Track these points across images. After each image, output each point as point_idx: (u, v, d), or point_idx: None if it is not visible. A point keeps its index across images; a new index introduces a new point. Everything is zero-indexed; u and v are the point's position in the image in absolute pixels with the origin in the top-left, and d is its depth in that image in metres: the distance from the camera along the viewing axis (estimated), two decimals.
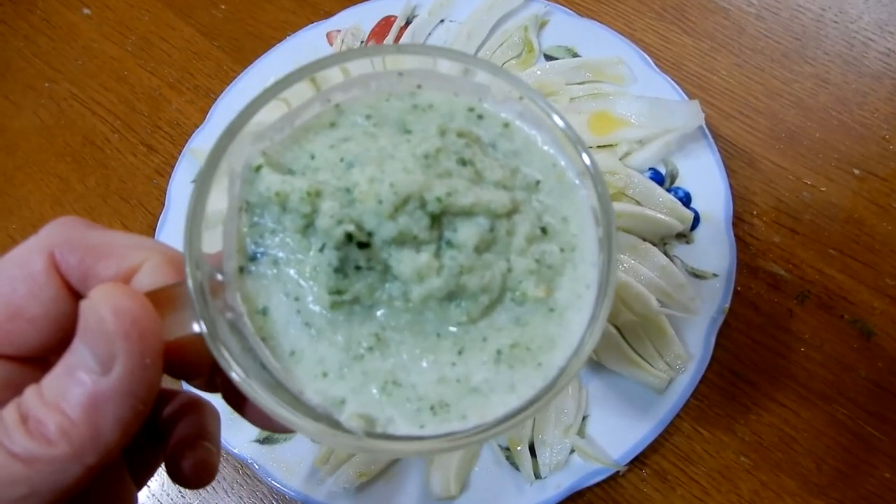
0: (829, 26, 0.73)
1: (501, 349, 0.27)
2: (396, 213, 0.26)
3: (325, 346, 0.26)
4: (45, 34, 0.80)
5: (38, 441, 0.22)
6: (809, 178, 0.66)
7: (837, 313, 0.60)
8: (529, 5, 0.72)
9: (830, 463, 0.55)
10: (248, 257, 0.27)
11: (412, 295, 0.26)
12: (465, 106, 0.30)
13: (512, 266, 0.28)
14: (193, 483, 0.30)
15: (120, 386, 0.22)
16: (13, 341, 0.26)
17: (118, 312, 0.22)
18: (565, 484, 0.53)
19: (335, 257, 0.26)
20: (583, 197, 0.29)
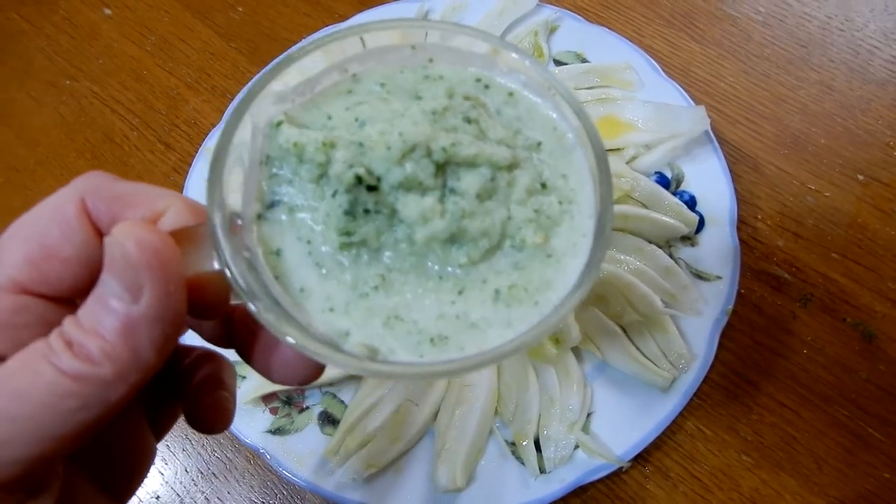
0: (835, 34, 0.75)
1: (500, 290, 0.28)
2: (403, 159, 0.28)
3: (333, 284, 0.28)
4: (66, 33, 0.82)
5: (85, 362, 0.23)
6: (814, 183, 0.67)
7: (840, 316, 0.61)
8: (540, 11, 0.74)
9: (831, 463, 0.56)
10: (265, 205, 0.29)
11: (416, 237, 0.28)
12: (473, 76, 0.32)
13: (511, 214, 0.29)
14: (210, 427, 0.32)
15: (149, 312, 0.24)
16: (47, 280, 0.27)
17: (141, 245, 0.24)
18: (569, 479, 0.54)
19: (346, 200, 0.28)
20: (581, 157, 0.31)
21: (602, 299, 0.59)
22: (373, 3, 0.77)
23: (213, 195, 0.27)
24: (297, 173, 0.29)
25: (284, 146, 0.29)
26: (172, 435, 0.62)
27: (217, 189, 0.27)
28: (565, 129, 0.32)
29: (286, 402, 0.60)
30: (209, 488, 0.60)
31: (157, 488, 0.61)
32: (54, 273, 0.27)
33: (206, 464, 0.61)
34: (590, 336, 0.59)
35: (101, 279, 0.24)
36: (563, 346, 0.57)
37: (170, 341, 0.25)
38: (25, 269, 0.27)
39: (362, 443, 0.56)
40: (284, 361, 0.29)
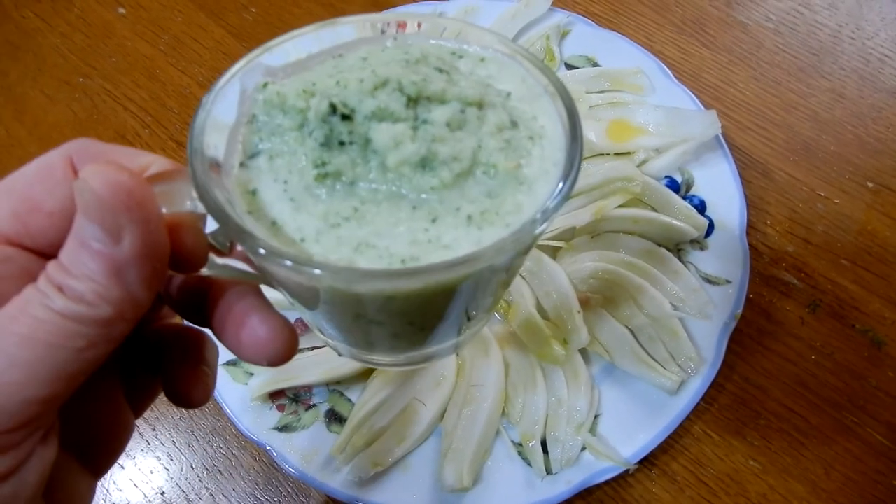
0: (846, 42, 0.75)
1: (472, 215, 0.29)
2: (376, 91, 0.29)
3: (304, 216, 0.28)
4: (81, 32, 0.83)
5: (82, 305, 0.24)
6: (823, 189, 0.67)
7: (849, 323, 0.61)
8: (552, 15, 0.74)
9: (839, 469, 0.56)
10: (248, 155, 0.30)
11: (388, 161, 0.28)
12: (448, 50, 0.34)
13: (482, 144, 0.30)
14: (187, 400, 0.32)
15: (134, 252, 0.24)
16: (31, 233, 0.27)
17: (112, 186, 0.24)
18: (576, 480, 0.54)
19: (321, 133, 0.29)
20: (549, 102, 0.32)
21: (611, 301, 0.59)
22: (385, 6, 0.78)
23: (193, 139, 0.28)
24: (280, 125, 0.30)
25: (268, 99, 0.30)
26: (178, 432, 0.62)
27: (198, 134, 0.28)
28: (534, 82, 0.33)
29: (293, 400, 0.60)
30: (214, 485, 0.60)
31: (161, 484, 0.61)
32: (38, 226, 0.27)
33: (211, 460, 0.61)
34: (598, 338, 0.58)
35: (78, 223, 0.24)
36: (571, 348, 0.57)
37: (158, 277, 0.26)
38: (10, 222, 0.27)
39: (369, 441, 0.56)
40: (252, 333, 0.29)
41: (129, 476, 0.61)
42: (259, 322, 0.29)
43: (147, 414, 0.63)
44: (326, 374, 0.59)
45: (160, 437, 0.62)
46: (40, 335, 0.23)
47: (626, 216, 0.61)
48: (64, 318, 0.24)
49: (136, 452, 0.61)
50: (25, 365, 0.23)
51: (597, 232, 0.63)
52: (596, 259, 0.61)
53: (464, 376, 0.58)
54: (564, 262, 0.61)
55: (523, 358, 0.58)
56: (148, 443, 0.62)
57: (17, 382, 0.23)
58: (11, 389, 0.23)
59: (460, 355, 0.59)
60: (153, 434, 0.62)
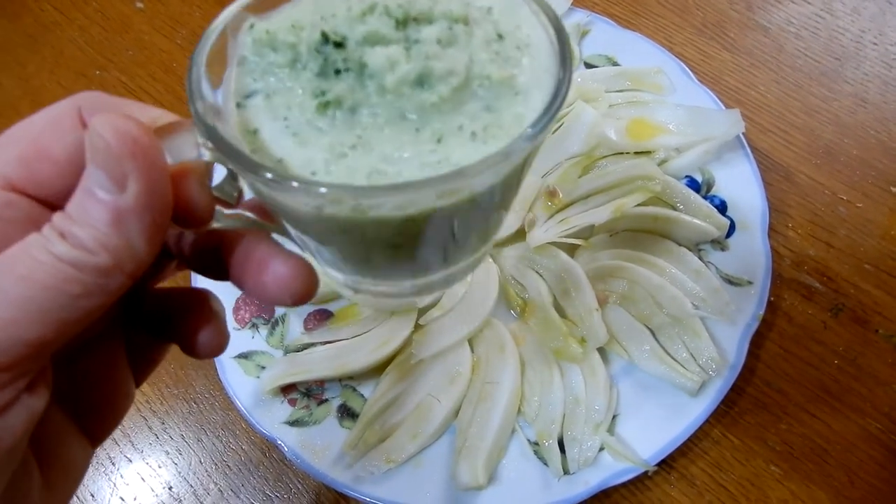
0: (869, 48, 0.74)
1: (476, 131, 0.29)
2: (364, 16, 0.30)
3: (311, 149, 0.28)
4: (98, 25, 0.83)
5: (81, 251, 0.24)
6: (845, 193, 0.66)
7: (872, 328, 0.60)
8: (572, 14, 0.74)
9: (863, 477, 0.55)
10: (243, 95, 0.30)
11: (386, 83, 0.29)
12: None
13: (474, 58, 0.30)
14: (208, 350, 0.33)
15: (137, 201, 0.24)
16: (38, 180, 0.27)
17: (120, 134, 0.24)
18: (593, 481, 0.53)
19: (316, 64, 0.29)
20: (528, 12, 0.33)
21: (630, 300, 0.58)
22: None
23: (192, 85, 0.28)
24: (271, 63, 0.30)
25: (258, 38, 0.30)
26: (187, 426, 0.61)
27: (197, 80, 0.29)
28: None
29: (305, 394, 0.59)
30: (223, 480, 0.59)
31: (170, 479, 0.60)
32: (45, 173, 0.27)
33: (220, 455, 0.60)
34: (616, 337, 0.57)
35: (86, 171, 0.25)
36: (588, 346, 0.56)
37: (159, 231, 0.26)
38: (17, 168, 0.27)
39: (381, 437, 0.55)
40: (273, 274, 0.30)
41: (136, 470, 0.60)
42: (280, 263, 0.30)
43: (156, 407, 0.62)
44: (339, 368, 0.58)
45: (169, 431, 0.61)
46: (37, 276, 0.23)
47: (645, 214, 0.61)
48: (62, 261, 0.24)
49: (145, 446, 0.60)
50: (18, 302, 0.23)
51: (616, 230, 0.62)
52: (615, 257, 0.60)
53: (479, 373, 0.57)
54: (583, 260, 0.61)
55: (540, 355, 0.57)
56: (157, 436, 0.61)
57: (10, 320, 0.23)
58: (3, 326, 0.23)
59: (475, 352, 0.59)
60: (162, 428, 0.61)
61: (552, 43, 0.32)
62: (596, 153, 0.65)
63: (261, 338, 0.61)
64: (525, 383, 0.57)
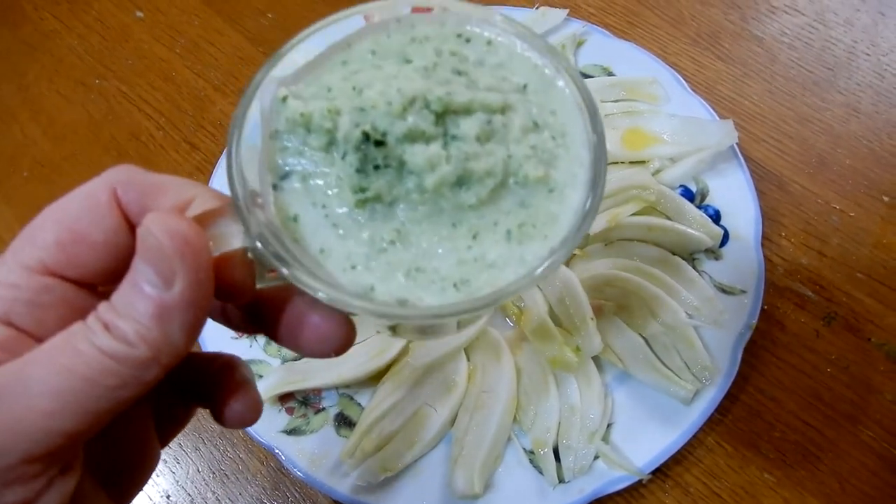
0: (861, 58, 0.75)
1: (511, 229, 0.30)
2: (404, 112, 0.29)
3: (351, 243, 0.29)
4: (98, 34, 0.84)
5: (122, 343, 0.25)
6: (838, 202, 0.67)
7: (864, 336, 0.61)
8: (568, 25, 0.74)
9: (854, 484, 0.55)
10: (279, 176, 0.30)
11: (426, 184, 0.29)
12: (453, 32, 0.34)
13: (511, 153, 0.30)
14: (238, 422, 0.33)
15: (182, 298, 0.25)
16: (75, 264, 0.28)
17: (173, 234, 0.25)
18: (588, 489, 0.53)
19: (356, 159, 0.29)
20: (563, 89, 0.33)
21: (625, 309, 0.59)
22: None
23: (232, 172, 0.29)
24: (306, 143, 0.30)
25: (292, 118, 0.30)
26: (185, 434, 0.62)
27: (236, 165, 0.29)
28: (543, 63, 0.34)
29: (302, 403, 0.59)
30: (221, 489, 0.59)
31: (168, 487, 0.60)
32: (81, 257, 0.28)
33: (218, 464, 0.60)
34: (611, 346, 0.58)
35: (135, 266, 0.25)
36: (584, 355, 0.57)
37: (198, 325, 0.27)
38: (54, 252, 0.27)
39: (378, 446, 0.56)
40: (315, 330, 0.30)
41: None
42: (320, 318, 0.30)
43: None
44: (336, 377, 0.58)
45: None
46: (78, 368, 0.24)
47: (640, 224, 0.61)
48: (103, 354, 0.24)
49: None
50: (57, 394, 0.24)
51: (611, 239, 0.62)
52: (610, 266, 0.61)
53: (475, 382, 0.58)
54: (578, 269, 0.61)
55: (535, 364, 0.58)
56: None
57: (48, 411, 0.24)
58: (39, 418, 0.24)
59: (471, 361, 0.59)
60: None
61: (587, 131, 0.32)
62: None
63: (258, 346, 0.61)
64: (521, 392, 0.57)
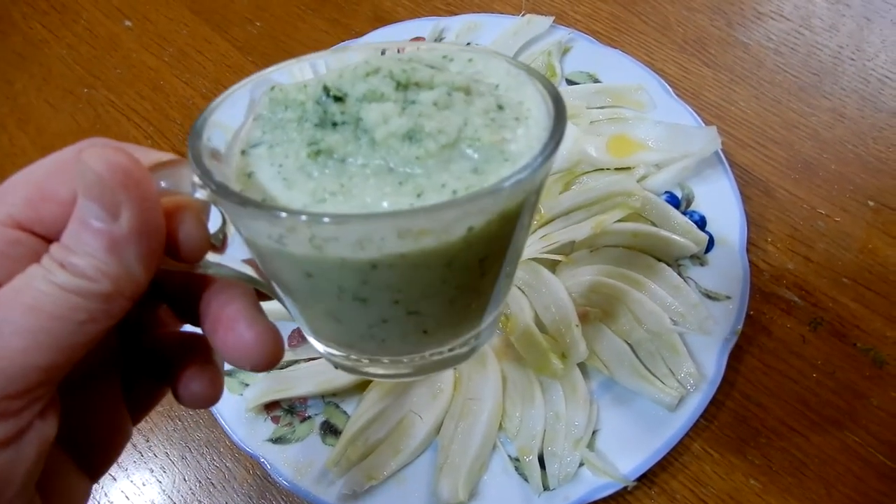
0: (847, 63, 0.75)
1: (457, 190, 0.29)
2: (367, 77, 0.31)
3: (294, 193, 0.29)
4: (87, 43, 0.84)
5: (82, 278, 0.25)
6: (824, 207, 0.67)
7: (850, 341, 0.61)
8: (554, 32, 0.75)
9: (841, 490, 0.55)
10: (250, 145, 0.31)
11: (376, 135, 0.29)
12: (440, 54, 0.36)
13: (468, 121, 0.30)
14: (194, 401, 0.33)
15: (131, 228, 0.26)
16: (43, 220, 0.28)
17: (112, 167, 0.25)
18: (573, 497, 0.53)
19: (315, 115, 0.30)
20: (534, 90, 0.34)
21: (610, 316, 0.59)
22: (388, 21, 0.78)
23: (197, 124, 0.30)
24: (282, 118, 0.31)
25: (274, 98, 0.31)
26: (171, 443, 0.62)
27: (200, 124, 0.30)
28: (518, 71, 0.34)
29: (288, 411, 0.59)
30: (207, 498, 0.59)
31: (154, 497, 0.60)
32: (50, 214, 0.28)
33: (204, 473, 0.60)
34: (597, 352, 0.58)
35: (79, 203, 0.26)
36: (569, 362, 0.57)
37: (154, 255, 0.27)
38: (24, 209, 0.28)
39: (364, 454, 0.56)
40: (240, 340, 0.30)
41: (121, 488, 0.60)
42: (246, 327, 0.30)
43: (141, 425, 0.62)
44: (322, 385, 0.58)
45: (153, 449, 0.61)
46: (44, 306, 0.25)
47: (625, 230, 0.61)
48: (66, 291, 0.25)
49: (129, 464, 0.61)
50: (29, 332, 0.24)
51: (596, 246, 0.62)
52: (595, 273, 0.61)
53: (461, 389, 0.58)
54: (563, 276, 0.61)
55: (521, 371, 0.58)
56: (141, 454, 0.61)
57: (21, 349, 0.24)
58: (14, 355, 0.24)
59: (457, 368, 0.59)
60: (146, 445, 0.61)
61: (549, 114, 0.32)
62: (577, 169, 0.65)
63: None
64: (507, 399, 0.57)
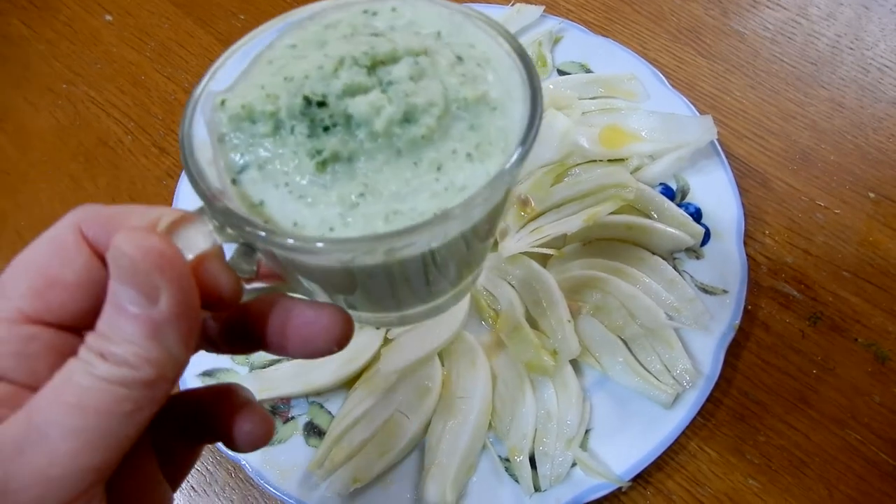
0: (845, 52, 0.73)
1: (470, 152, 0.30)
2: (336, 71, 0.30)
3: (322, 207, 0.29)
4: (66, 39, 0.82)
5: (125, 367, 0.24)
6: (823, 199, 0.65)
7: (851, 336, 0.59)
8: (545, 21, 0.73)
9: (842, 489, 0.53)
10: (236, 171, 0.31)
11: (375, 127, 0.29)
12: (360, 10, 0.35)
13: (445, 84, 0.31)
14: (253, 442, 0.32)
15: (171, 312, 0.25)
16: (52, 308, 0.28)
17: (146, 250, 0.24)
18: (565, 498, 0.51)
19: (304, 127, 0.30)
20: (475, 27, 0.34)
21: (603, 310, 0.57)
22: None
23: (193, 173, 0.29)
24: (253, 134, 0.31)
25: (233, 115, 0.31)
26: None
27: (193, 168, 0.29)
28: (449, 11, 0.35)
29: (271, 412, 0.57)
30: (187, 502, 0.57)
31: None
32: (59, 301, 0.28)
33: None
34: (589, 349, 0.56)
35: (112, 289, 0.25)
36: (561, 359, 0.55)
37: (194, 334, 0.26)
38: (30, 300, 0.27)
39: (349, 455, 0.53)
40: (311, 327, 0.31)
41: None
42: (315, 314, 0.31)
43: None
44: (306, 385, 0.56)
45: None
46: (89, 402, 0.24)
47: (619, 223, 0.59)
48: (109, 383, 0.24)
49: None
50: (77, 433, 0.24)
51: (589, 239, 0.60)
52: (588, 267, 0.59)
53: (449, 388, 0.56)
54: (555, 270, 0.59)
55: (511, 369, 0.56)
56: None
57: (73, 452, 0.23)
58: (66, 460, 0.23)
59: (446, 366, 0.57)
60: None
61: (509, 54, 0.33)
62: (569, 161, 0.63)
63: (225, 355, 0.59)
64: (496, 398, 0.55)
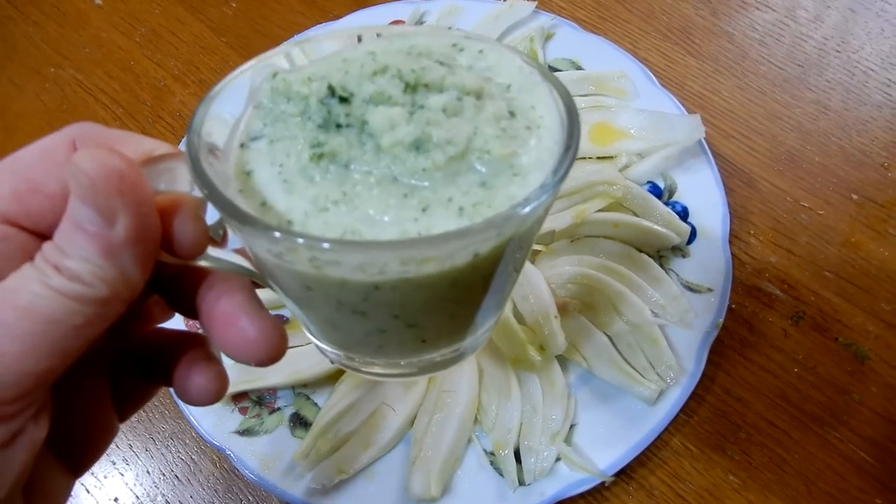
0: (832, 55, 0.74)
1: (464, 207, 0.27)
2: (375, 76, 0.29)
3: (295, 198, 0.27)
4: (55, 21, 0.81)
5: (79, 284, 0.24)
6: (807, 200, 0.66)
7: (832, 336, 0.60)
8: (536, 17, 0.73)
9: (821, 486, 0.54)
10: (250, 137, 0.30)
11: (382, 143, 0.28)
12: (449, 42, 0.34)
13: (478, 131, 0.28)
14: (202, 397, 0.32)
15: (128, 234, 0.25)
16: (31, 213, 0.27)
17: (106, 170, 0.24)
18: (549, 492, 0.52)
19: (319, 116, 0.29)
20: (547, 91, 0.31)
21: (590, 307, 0.57)
22: (368, 3, 0.76)
23: (193, 122, 0.28)
24: (284, 111, 0.30)
25: (275, 88, 0.30)
26: (135, 435, 0.59)
27: (199, 119, 0.29)
28: (530, 70, 0.32)
29: (257, 403, 0.57)
30: (171, 491, 0.57)
31: (116, 490, 0.58)
32: (38, 207, 0.27)
33: (169, 466, 0.58)
34: (575, 345, 0.57)
35: (72, 205, 0.25)
36: (547, 354, 0.55)
37: (150, 257, 0.26)
38: (10, 201, 0.27)
39: (334, 447, 0.54)
40: (242, 336, 0.29)
41: (81, 481, 0.58)
42: (248, 322, 0.29)
43: None
44: (293, 376, 0.56)
45: (116, 441, 0.59)
46: (39, 309, 0.24)
47: (606, 220, 0.60)
48: (62, 295, 0.24)
49: None
50: (24, 337, 0.24)
51: (577, 236, 0.61)
52: (575, 263, 0.59)
53: (435, 382, 0.56)
54: (543, 266, 0.60)
55: (498, 364, 0.56)
56: None
57: (16, 354, 0.24)
58: (10, 360, 0.24)
59: None
60: None
61: (562, 123, 0.30)
62: None
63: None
64: (482, 392, 0.56)
